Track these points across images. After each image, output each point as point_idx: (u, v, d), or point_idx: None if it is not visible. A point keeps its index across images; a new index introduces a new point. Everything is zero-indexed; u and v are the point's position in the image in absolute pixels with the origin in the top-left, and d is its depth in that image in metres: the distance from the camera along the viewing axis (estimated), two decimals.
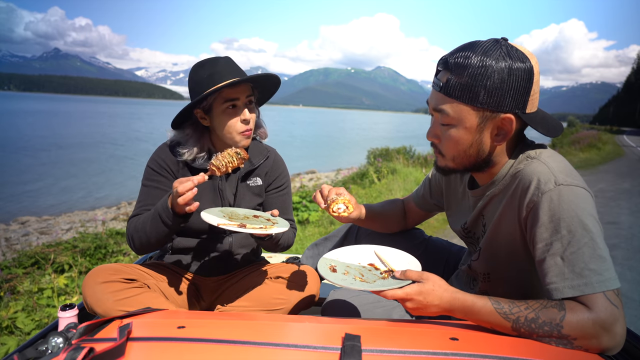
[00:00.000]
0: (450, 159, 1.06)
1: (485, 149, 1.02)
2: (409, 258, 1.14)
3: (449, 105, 0.98)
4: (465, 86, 0.94)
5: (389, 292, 0.93)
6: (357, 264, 1.13)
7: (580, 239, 0.88)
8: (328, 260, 1.12)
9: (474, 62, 0.93)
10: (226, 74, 1.36)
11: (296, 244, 4.26)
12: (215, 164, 1.24)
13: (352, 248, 1.22)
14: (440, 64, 1.01)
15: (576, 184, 0.94)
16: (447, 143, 1.04)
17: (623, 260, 4.09)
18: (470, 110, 0.97)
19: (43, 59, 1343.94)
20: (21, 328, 2.48)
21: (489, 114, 0.97)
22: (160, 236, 1.30)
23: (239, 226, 1.20)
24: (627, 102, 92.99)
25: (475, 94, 0.94)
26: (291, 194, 1.66)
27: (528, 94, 0.96)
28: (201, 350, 0.75)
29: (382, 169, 8.52)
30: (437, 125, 1.05)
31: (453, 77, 0.96)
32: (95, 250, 4.01)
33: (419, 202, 1.50)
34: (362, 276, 1.04)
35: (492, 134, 1.00)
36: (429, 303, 0.91)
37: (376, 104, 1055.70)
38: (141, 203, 1.43)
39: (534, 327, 0.85)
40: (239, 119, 1.39)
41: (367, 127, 74.89)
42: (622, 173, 11.01)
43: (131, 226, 1.38)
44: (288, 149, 23.26)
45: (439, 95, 1.00)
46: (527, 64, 0.94)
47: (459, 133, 1.00)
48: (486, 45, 0.95)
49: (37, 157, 17.05)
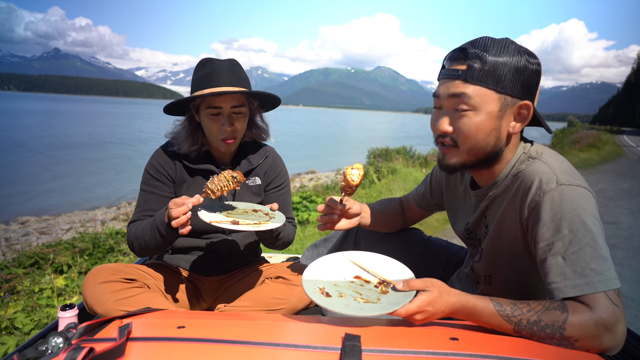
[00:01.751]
0: (466, 149, 1.02)
1: (503, 138, 1.03)
2: (390, 261, 1.09)
3: (471, 89, 0.97)
4: (488, 72, 0.96)
5: (402, 310, 0.86)
6: (342, 279, 1.06)
7: (581, 238, 0.89)
8: (312, 282, 1.02)
9: (495, 52, 0.96)
10: (217, 80, 1.36)
11: (296, 244, 4.26)
12: (211, 188, 1.23)
13: (326, 260, 1.12)
14: (456, 56, 1.00)
15: (578, 184, 0.94)
16: (466, 130, 1.00)
17: (623, 260, 4.09)
18: (493, 94, 0.98)
19: (43, 59, 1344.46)
20: (20, 328, 2.48)
21: (510, 100, 0.98)
22: (158, 245, 1.32)
23: (232, 223, 1.21)
24: (627, 102, 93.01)
25: (498, 78, 0.96)
26: (290, 192, 1.66)
27: (537, 88, 1.00)
28: (201, 350, 0.75)
29: (382, 169, 8.52)
30: (452, 114, 1.02)
31: (475, 64, 0.97)
32: (95, 250, 4.01)
33: (419, 200, 1.49)
34: (360, 295, 0.98)
35: (509, 123, 1.01)
36: (437, 310, 0.88)
37: (376, 104, 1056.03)
38: (140, 208, 1.45)
39: (536, 330, 0.85)
40: (219, 126, 1.38)
41: (367, 127, 74.89)
42: (622, 173, 11.00)
43: (131, 232, 1.39)
44: (288, 149, 23.25)
45: (457, 83, 0.99)
46: (537, 60, 1.00)
47: (479, 118, 0.99)
48: (500, 40, 0.99)
49: (37, 157, 17.05)
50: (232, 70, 1.41)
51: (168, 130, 1.50)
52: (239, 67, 1.45)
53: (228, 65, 1.41)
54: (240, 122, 1.42)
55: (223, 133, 1.39)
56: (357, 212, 1.35)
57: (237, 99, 1.39)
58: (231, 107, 1.38)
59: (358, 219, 1.37)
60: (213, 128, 1.39)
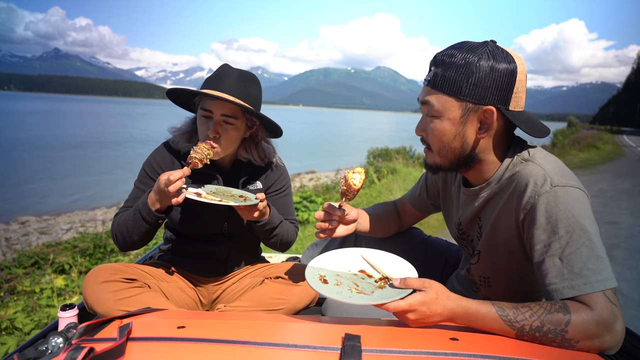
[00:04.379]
0: (436, 152, 1.08)
1: (469, 142, 1.04)
2: (400, 261, 1.10)
3: (434, 97, 1.02)
4: (449, 79, 0.99)
5: (391, 304, 0.87)
6: (347, 271, 1.08)
7: (577, 239, 0.89)
8: (315, 269, 1.06)
9: (459, 58, 0.98)
10: (220, 84, 1.36)
11: (296, 244, 4.26)
12: (197, 157, 1.28)
13: (338, 253, 1.16)
14: (431, 61, 1.05)
15: (571, 185, 0.94)
16: (433, 135, 1.06)
17: (623, 260, 4.09)
18: (453, 102, 1.00)
19: (43, 59, 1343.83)
20: (21, 328, 2.48)
21: (471, 106, 0.99)
22: (141, 232, 1.33)
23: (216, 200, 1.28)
24: (627, 102, 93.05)
25: (458, 86, 0.98)
26: (292, 195, 1.66)
27: (510, 91, 0.98)
28: (201, 350, 0.75)
29: (382, 169, 8.52)
30: (424, 119, 1.08)
31: (439, 71, 1.00)
32: (95, 250, 4.01)
33: (415, 202, 1.49)
34: (357, 286, 0.99)
35: (475, 128, 1.02)
36: (432, 313, 0.87)
37: (376, 104, 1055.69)
38: (128, 203, 1.45)
39: (538, 336, 0.85)
40: (205, 130, 1.37)
41: (367, 127, 74.87)
42: (622, 173, 11.01)
43: (115, 223, 1.40)
44: (288, 149, 23.24)
45: (426, 89, 1.05)
46: (511, 65, 0.97)
47: (443, 124, 1.03)
48: (473, 45, 1.00)
49: (37, 157, 17.05)
50: (239, 80, 1.37)
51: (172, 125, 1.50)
52: (251, 83, 1.40)
53: (237, 75, 1.38)
54: (227, 133, 1.36)
55: (206, 136, 1.36)
56: (354, 218, 1.32)
57: (230, 109, 1.35)
58: (221, 115, 1.35)
59: (355, 225, 1.35)
60: (201, 130, 1.39)
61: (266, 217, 1.38)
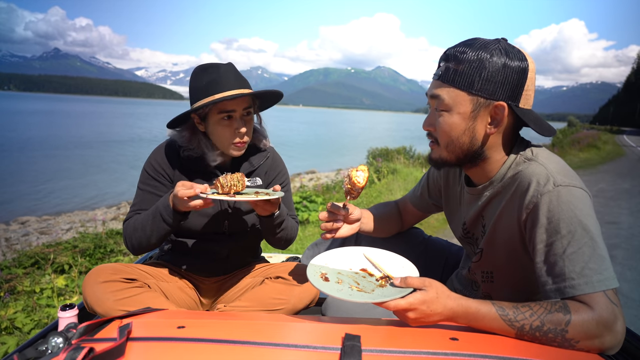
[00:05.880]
0: (444, 146, 1.07)
1: (479, 138, 1.04)
2: (402, 261, 1.10)
3: (445, 91, 1.02)
4: (461, 73, 0.99)
5: (392, 303, 0.87)
6: (348, 269, 1.08)
7: (579, 239, 0.89)
8: (317, 267, 1.06)
9: (472, 53, 0.98)
10: (225, 84, 1.35)
11: (296, 244, 4.26)
12: (222, 182, 1.24)
13: (340, 251, 1.17)
14: (441, 56, 1.05)
15: (574, 185, 0.94)
16: (441, 129, 1.05)
17: (623, 260, 4.09)
18: (465, 96, 1.00)
19: (43, 59, 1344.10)
20: (20, 328, 2.48)
21: (483, 101, 0.99)
22: (160, 235, 1.33)
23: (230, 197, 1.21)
24: (627, 102, 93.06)
25: (470, 80, 0.98)
26: (291, 191, 1.67)
27: (522, 88, 0.99)
28: (201, 350, 0.75)
29: (382, 169, 8.52)
30: (433, 114, 1.08)
31: (451, 66, 1.00)
32: (95, 250, 4.01)
33: (416, 202, 1.49)
34: (357, 284, 0.99)
35: (485, 123, 1.02)
36: (433, 312, 0.87)
37: (376, 104, 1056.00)
38: (136, 207, 1.44)
39: (538, 335, 0.85)
40: (232, 130, 1.38)
41: (367, 127, 74.88)
42: (622, 173, 11.01)
43: (129, 227, 1.38)
44: (288, 148, 23.25)
45: (436, 83, 1.05)
46: (523, 63, 0.98)
47: (452, 119, 1.02)
48: (485, 41, 1.00)
49: (37, 157, 17.05)
50: (236, 73, 1.41)
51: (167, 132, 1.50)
52: (237, 70, 1.45)
53: (232, 69, 1.41)
54: (250, 124, 1.43)
55: (236, 136, 1.38)
56: (358, 218, 1.33)
57: (247, 101, 1.40)
58: (243, 110, 1.38)
59: (359, 224, 1.35)
60: (225, 133, 1.38)
61: (278, 210, 1.39)
